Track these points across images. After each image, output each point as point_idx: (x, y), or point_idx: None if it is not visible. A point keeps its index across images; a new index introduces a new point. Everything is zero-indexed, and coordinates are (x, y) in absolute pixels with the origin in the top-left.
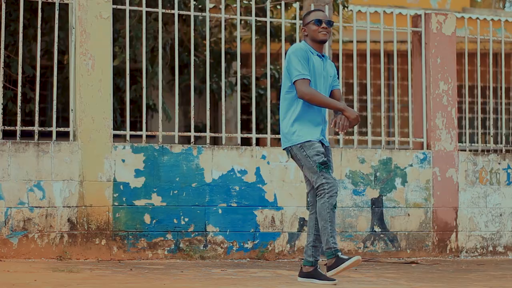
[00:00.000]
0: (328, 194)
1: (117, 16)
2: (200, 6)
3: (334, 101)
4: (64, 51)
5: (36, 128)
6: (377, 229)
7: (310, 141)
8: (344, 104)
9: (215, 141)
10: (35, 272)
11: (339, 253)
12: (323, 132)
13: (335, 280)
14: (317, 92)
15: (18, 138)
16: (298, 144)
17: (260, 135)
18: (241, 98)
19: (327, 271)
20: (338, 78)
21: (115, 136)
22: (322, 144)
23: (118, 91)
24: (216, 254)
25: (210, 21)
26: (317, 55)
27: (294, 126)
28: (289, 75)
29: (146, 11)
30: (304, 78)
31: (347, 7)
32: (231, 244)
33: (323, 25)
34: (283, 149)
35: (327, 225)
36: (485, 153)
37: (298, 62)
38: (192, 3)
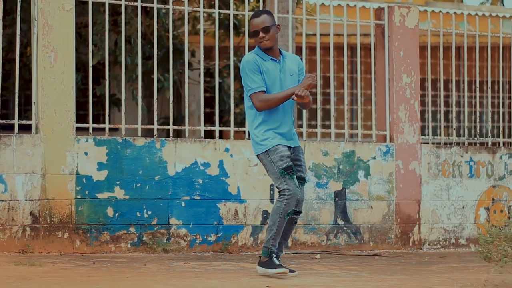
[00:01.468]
0: (286, 201)
1: (84, 10)
2: None
3: (284, 91)
4: (26, 43)
5: None
6: (340, 221)
7: (275, 146)
8: (292, 88)
9: (178, 134)
10: None
11: (274, 256)
12: (290, 134)
13: (294, 270)
14: (269, 95)
15: None
16: (264, 150)
17: (224, 128)
18: (204, 91)
19: (258, 265)
20: (304, 72)
21: (77, 129)
22: (290, 147)
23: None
24: (179, 247)
25: (172, 13)
26: (271, 59)
27: (261, 133)
28: (245, 89)
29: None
30: (256, 92)
31: (301, 0)
32: (194, 237)
33: (260, 34)
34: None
35: (274, 227)
36: (448, 146)
37: (248, 77)
38: None
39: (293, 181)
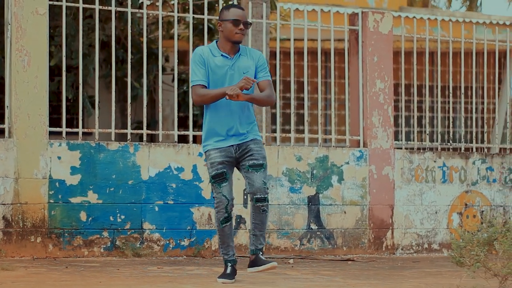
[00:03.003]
0: (216, 209)
1: (51, 13)
2: (132, 4)
3: (219, 89)
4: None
5: None
6: (313, 226)
7: (209, 150)
8: (226, 87)
9: (152, 139)
10: None
11: (229, 264)
12: (235, 132)
13: (273, 262)
14: (205, 90)
15: None
16: (204, 152)
17: (197, 133)
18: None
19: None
20: (264, 69)
21: (51, 133)
22: (232, 145)
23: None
24: (153, 252)
25: (146, 18)
26: (222, 55)
27: (203, 134)
28: None
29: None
30: (195, 85)
31: (275, 6)
32: (167, 242)
33: (241, 26)
34: None
35: (218, 237)
36: (421, 151)
37: (191, 69)
38: (129, 0)
39: (220, 189)
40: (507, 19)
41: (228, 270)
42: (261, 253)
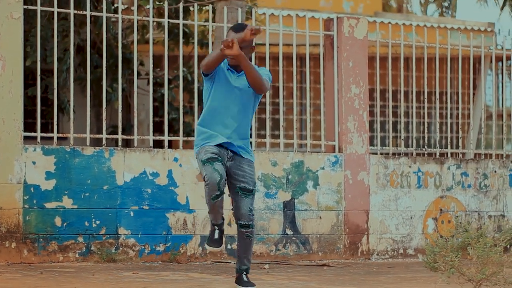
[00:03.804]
0: (206, 186)
1: (26, 16)
2: (107, 8)
3: (213, 52)
4: None
5: None
6: (289, 231)
7: (203, 145)
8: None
9: (127, 143)
10: None
11: (216, 228)
12: (229, 138)
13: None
14: (207, 57)
15: None
16: (196, 153)
17: (173, 138)
18: (153, 100)
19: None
20: (263, 74)
21: (25, 137)
22: (227, 149)
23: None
24: (128, 257)
25: (122, 22)
26: (228, 69)
27: (197, 131)
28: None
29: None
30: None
31: (250, 10)
32: (143, 247)
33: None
34: None
35: (208, 207)
36: (396, 156)
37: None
38: (104, 4)
39: (211, 167)
40: (482, 25)
41: (216, 235)
42: (244, 273)
